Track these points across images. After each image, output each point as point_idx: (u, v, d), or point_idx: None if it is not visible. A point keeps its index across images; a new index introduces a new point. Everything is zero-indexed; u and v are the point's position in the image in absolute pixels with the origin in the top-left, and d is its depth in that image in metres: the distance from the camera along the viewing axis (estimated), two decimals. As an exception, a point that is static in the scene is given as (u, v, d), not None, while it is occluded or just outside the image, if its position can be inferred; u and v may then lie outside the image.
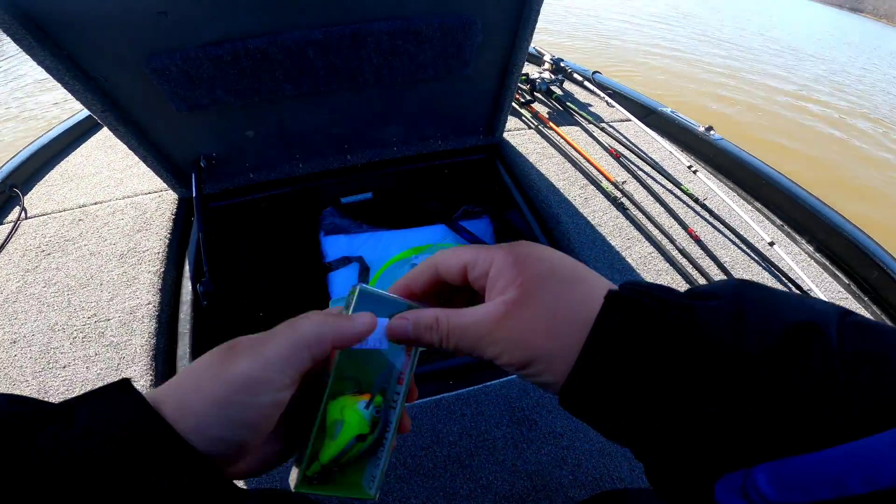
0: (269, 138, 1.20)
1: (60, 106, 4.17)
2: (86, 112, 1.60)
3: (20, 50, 0.75)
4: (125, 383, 0.24)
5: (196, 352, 1.00)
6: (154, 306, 1.02)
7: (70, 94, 0.84)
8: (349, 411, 0.30)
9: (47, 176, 1.39)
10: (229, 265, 1.30)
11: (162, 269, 1.10)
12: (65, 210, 1.25)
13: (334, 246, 1.36)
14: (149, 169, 1.13)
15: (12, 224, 1.20)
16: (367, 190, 1.48)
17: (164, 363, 0.97)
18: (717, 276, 1.18)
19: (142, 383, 0.90)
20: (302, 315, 0.29)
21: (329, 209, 1.44)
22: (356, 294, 0.31)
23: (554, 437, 0.88)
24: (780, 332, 0.21)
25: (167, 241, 1.16)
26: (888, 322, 1.17)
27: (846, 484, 0.17)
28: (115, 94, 0.90)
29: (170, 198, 1.28)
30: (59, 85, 0.82)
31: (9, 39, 0.74)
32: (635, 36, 9.06)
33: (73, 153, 1.50)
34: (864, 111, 7.16)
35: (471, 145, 1.47)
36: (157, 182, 1.32)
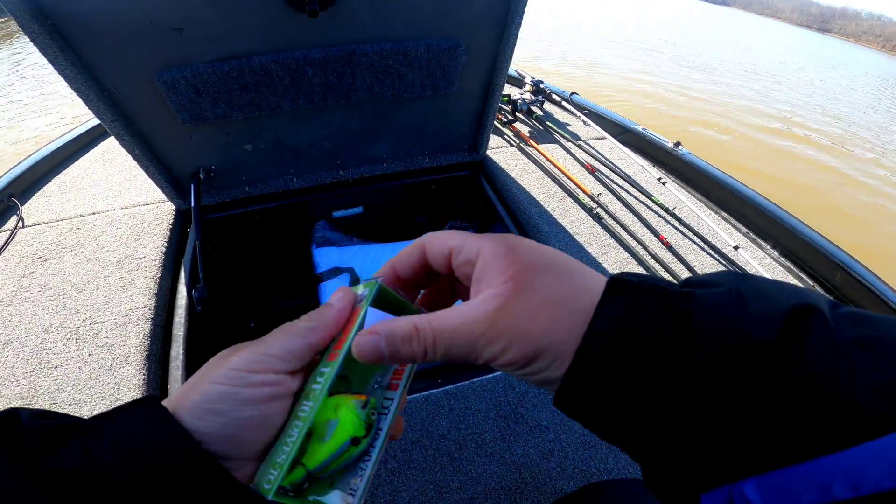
0: (266, 153, 1.26)
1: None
2: (83, 128, 1.66)
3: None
4: (151, 399, 0.25)
5: (189, 354, 1.02)
6: (149, 310, 1.05)
7: (83, 103, 0.90)
8: (344, 410, 0.27)
9: (45, 187, 1.42)
10: (224, 274, 1.33)
11: (158, 276, 1.13)
12: (62, 219, 1.29)
13: (326, 258, 1.40)
14: (146, 181, 1.18)
15: (9, 232, 1.23)
16: (357, 204, 1.54)
17: (157, 364, 0.99)
18: (687, 278, 1.26)
19: (134, 382, 0.92)
20: None
21: (321, 223, 1.50)
22: (374, 289, 0.29)
23: (540, 430, 0.91)
24: (782, 315, 0.21)
25: (164, 249, 1.20)
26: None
27: (831, 490, 0.17)
28: (126, 105, 0.96)
29: (167, 209, 1.32)
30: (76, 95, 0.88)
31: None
32: (620, 63, 9.50)
33: (72, 166, 1.53)
34: (825, 129, 7.56)
35: (456, 162, 1.55)
36: (155, 194, 1.36)
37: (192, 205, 1.14)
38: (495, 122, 1.84)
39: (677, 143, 1.75)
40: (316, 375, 0.28)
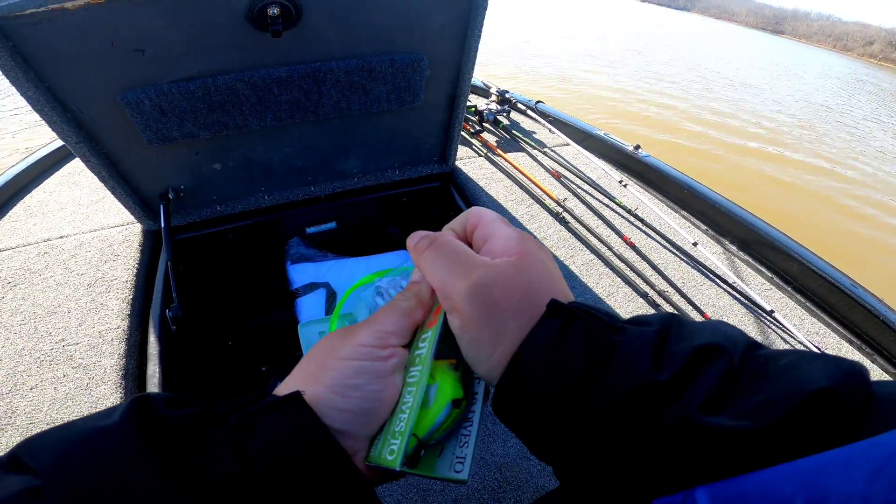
0: (236, 171, 1.27)
1: None
2: (46, 150, 1.63)
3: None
4: (299, 398, 0.25)
5: (166, 371, 1.02)
6: (123, 330, 1.05)
7: (47, 125, 0.90)
8: (441, 374, 0.29)
9: (10, 212, 1.40)
10: (198, 294, 1.33)
11: (130, 297, 1.13)
12: (29, 244, 1.27)
13: (301, 273, 1.41)
14: (114, 203, 1.17)
15: None
16: (330, 220, 1.55)
17: (133, 382, 0.99)
18: (652, 275, 1.32)
19: (111, 400, 0.92)
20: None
21: (295, 239, 1.50)
22: None
23: None
24: (686, 355, 0.22)
25: (135, 270, 1.19)
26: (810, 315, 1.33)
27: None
28: (90, 126, 0.96)
29: (136, 230, 1.31)
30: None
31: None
32: (597, 78, 9.73)
33: (36, 189, 1.51)
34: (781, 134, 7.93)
35: (426, 174, 1.58)
36: (124, 216, 1.35)
37: (163, 226, 1.14)
38: (463, 133, 1.89)
39: (637, 146, 1.83)
40: (417, 342, 0.30)
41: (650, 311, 1.22)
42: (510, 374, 0.24)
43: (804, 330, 1.25)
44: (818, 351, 1.16)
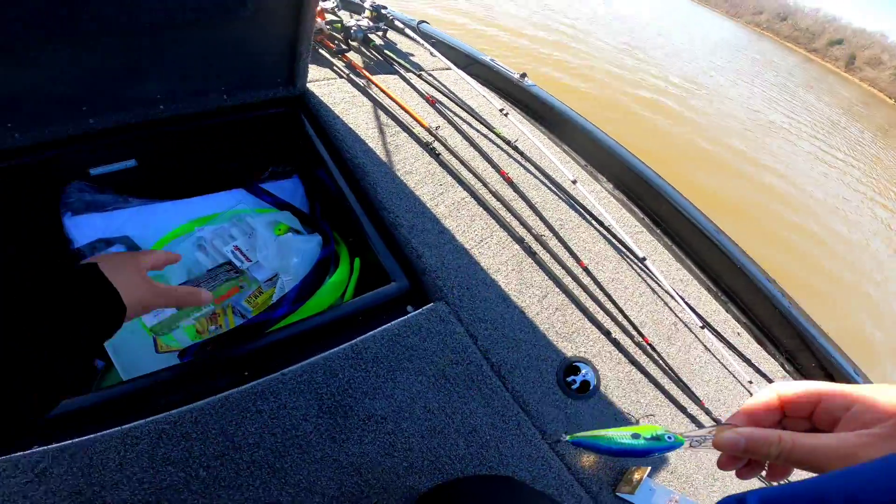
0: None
1: None
2: None
3: None
4: (94, 266, 0.51)
5: None
6: None
7: None
8: None
9: None
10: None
11: None
12: None
13: (85, 227, 1.05)
14: None
15: None
16: (128, 157, 1.18)
17: None
18: (529, 216, 1.21)
19: None
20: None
21: (75, 184, 1.12)
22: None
23: (375, 422, 0.79)
24: None
25: None
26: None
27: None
28: None
29: None
30: None
31: None
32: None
33: None
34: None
35: (267, 98, 1.27)
36: None
37: None
38: (324, 52, 1.58)
39: (523, 75, 1.70)
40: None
41: (526, 259, 1.12)
42: None
43: (670, 277, 1.26)
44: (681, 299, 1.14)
